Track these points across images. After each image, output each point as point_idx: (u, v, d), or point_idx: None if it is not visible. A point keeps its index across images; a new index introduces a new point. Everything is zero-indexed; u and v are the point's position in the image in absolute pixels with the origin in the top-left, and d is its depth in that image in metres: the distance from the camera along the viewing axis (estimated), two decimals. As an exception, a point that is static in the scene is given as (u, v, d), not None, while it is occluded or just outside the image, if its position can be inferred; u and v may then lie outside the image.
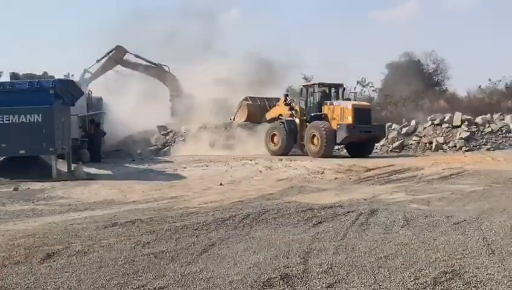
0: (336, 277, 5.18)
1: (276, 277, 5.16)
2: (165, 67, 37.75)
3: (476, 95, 38.96)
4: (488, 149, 24.97)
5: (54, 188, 13.72)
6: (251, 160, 20.39)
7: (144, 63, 37.31)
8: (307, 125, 23.26)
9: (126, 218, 8.41)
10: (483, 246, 6.23)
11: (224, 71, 41.14)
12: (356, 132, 22.05)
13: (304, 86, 24.93)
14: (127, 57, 37.01)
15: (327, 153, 22.06)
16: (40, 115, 15.93)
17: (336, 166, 17.24)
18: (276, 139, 24.37)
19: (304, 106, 23.99)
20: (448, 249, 6.14)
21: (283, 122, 24.18)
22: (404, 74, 41.23)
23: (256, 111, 26.40)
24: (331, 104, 23.17)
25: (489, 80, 40.50)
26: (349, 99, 23.91)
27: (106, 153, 25.46)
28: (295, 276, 5.22)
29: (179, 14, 61.09)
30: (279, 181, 14.26)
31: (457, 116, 27.35)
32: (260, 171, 16.71)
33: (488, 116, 28.33)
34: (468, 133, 26.10)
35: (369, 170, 16.13)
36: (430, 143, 25.77)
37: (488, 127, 26.95)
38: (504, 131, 26.71)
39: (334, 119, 22.54)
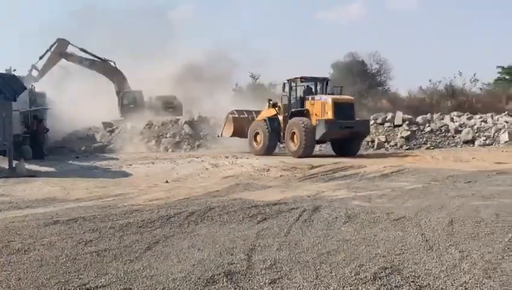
0: (279, 273, 5.26)
1: (219, 274, 5.19)
2: (111, 62, 37.23)
3: (416, 95, 40.01)
4: (428, 148, 25.70)
5: (-6, 185, 13.35)
6: (197, 157, 20.36)
7: (89, 57, 36.69)
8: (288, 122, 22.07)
9: (68, 216, 8.27)
10: (422, 242, 6.41)
11: (172, 69, 40.93)
12: (336, 127, 20.77)
13: (287, 80, 23.17)
14: (71, 50, 36.31)
15: (307, 151, 20.80)
16: (-20, 110, 15.47)
17: (282, 164, 17.40)
18: (259, 138, 23.19)
19: (287, 102, 22.70)
20: (388, 245, 6.30)
21: (265, 120, 23.03)
22: (349, 73, 41.97)
23: (243, 124, 24.78)
24: (312, 98, 22.01)
25: (430, 80, 41.72)
26: (332, 93, 22.50)
27: (49, 150, 24.95)
28: (239, 272, 5.27)
29: (128, 11, 60.52)
30: (225, 178, 14.28)
31: (399, 116, 28.13)
32: (206, 169, 16.69)
33: (428, 116, 29.23)
34: (409, 132, 26.85)
35: (313, 167, 16.34)
36: (373, 141, 26.35)
37: (428, 126, 27.79)
38: (443, 130, 27.58)
39: (315, 114, 21.44)
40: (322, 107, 21.31)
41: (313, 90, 22.84)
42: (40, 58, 35.74)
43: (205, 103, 38.87)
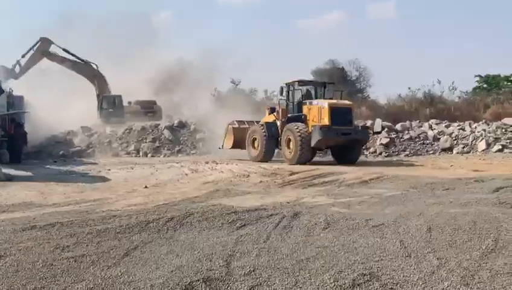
0: (258, 280, 5.24)
1: (198, 280, 5.16)
2: (93, 65, 37.05)
3: (396, 102, 40.30)
4: (407, 155, 25.90)
5: (-30, 189, 13.14)
6: (177, 163, 20.28)
7: (71, 58, 36.46)
8: None
9: (46, 221, 8.16)
10: (400, 249, 6.42)
11: (152, 73, 40.83)
12: (332, 134, 19.77)
13: (285, 84, 22.23)
14: (54, 50, 36.12)
15: (304, 158, 19.90)
16: (-44, 113, 15.25)
17: (262, 169, 17.41)
18: (256, 144, 22.21)
19: (285, 107, 21.91)
20: (367, 251, 6.31)
21: (263, 126, 22.12)
22: (329, 80, 42.12)
23: (244, 135, 23.33)
24: (310, 103, 21.17)
25: (409, 88, 41.99)
26: (331, 98, 21.65)
27: (26, 154, 24.62)
28: (217, 279, 5.24)
29: (108, 16, 60.29)
30: (205, 184, 14.24)
31: (378, 123, 28.37)
32: (186, 174, 16.64)
33: (407, 123, 29.47)
34: (388, 139, 27.03)
35: (293, 173, 16.36)
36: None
37: (407, 134, 28.02)
38: (422, 138, 27.82)
39: (312, 120, 20.59)
40: (318, 112, 20.49)
41: (312, 94, 22.17)
42: (23, 56, 35.54)
43: (185, 108, 38.84)
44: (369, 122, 28.52)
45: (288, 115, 21.53)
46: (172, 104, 39.23)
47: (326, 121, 20.04)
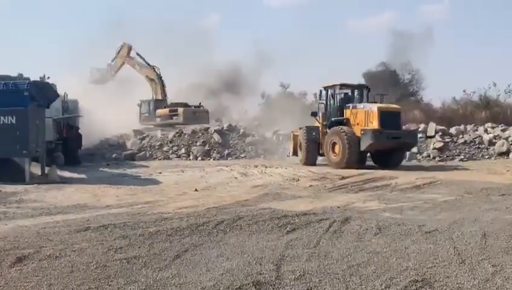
0: (308, 284, 5.20)
1: (248, 284, 5.16)
2: (156, 69, 38.31)
3: (450, 106, 39.38)
4: (461, 160, 25.30)
5: (27, 191, 13.53)
6: (227, 166, 20.39)
7: (142, 62, 38.08)
8: (327, 132, 21.04)
9: (99, 222, 8.34)
10: (454, 255, 6.29)
11: (202, 76, 41.25)
12: (383, 138, 19.48)
13: (323, 87, 22.13)
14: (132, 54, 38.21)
15: (351, 162, 19.50)
16: (14, 116, 15.71)
17: (311, 173, 17.32)
18: (301, 147, 22.21)
19: (324, 110, 21.84)
20: (420, 257, 6.19)
21: (304, 130, 22.09)
22: (380, 83, 41.60)
23: None
24: (354, 107, 20.92)
25: (464, 91, 40.91)
26: (375, 102, 21.34)
27: (80, 157, 25.26)
28: (267, 283, 5.23)
29: (156, 20, 61.42)
30: (254, 188, 14.26)
31: (432, 127, 27.75)
32: (235, 178, 16.71)
33: (462, 127, 28.75)
34: (442, 143, 26.45)
35: (343, 178, 16.21)
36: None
37: (462, 137, 27.34)
38: (477, 142, 27.10)
39: (358, 124, 20.31)
40: (366, 116, 20.23)
41: (351, 97, 21.91)
42: (112, 60, 38.53)
43: (234, 111, 39.07)
44: (422, 126, 27.99)
45: (332, 119, 21.33)
46: (221, 107, 39.52)
47: (375, 125, 19.77)
